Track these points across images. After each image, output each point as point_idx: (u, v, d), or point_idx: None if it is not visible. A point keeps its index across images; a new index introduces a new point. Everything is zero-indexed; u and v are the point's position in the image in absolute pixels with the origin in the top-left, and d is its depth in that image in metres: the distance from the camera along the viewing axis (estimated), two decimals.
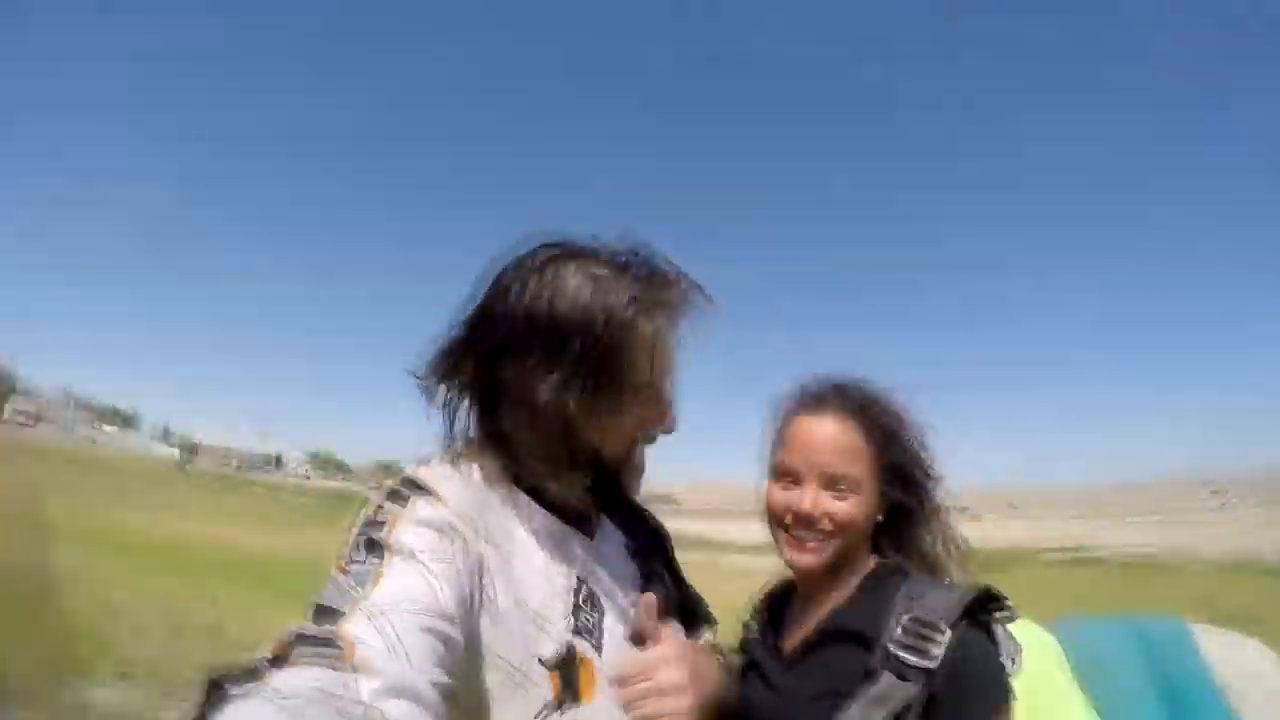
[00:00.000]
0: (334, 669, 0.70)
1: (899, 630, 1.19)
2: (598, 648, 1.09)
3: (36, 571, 8.45)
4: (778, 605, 1.50)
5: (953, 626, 1.17)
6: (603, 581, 1.19)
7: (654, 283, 1.14)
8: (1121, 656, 2.61)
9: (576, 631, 1.07)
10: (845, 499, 1.32)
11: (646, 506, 1.45)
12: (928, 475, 1.40)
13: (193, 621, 7.49)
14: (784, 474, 1.37)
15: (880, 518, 1.38)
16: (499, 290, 1.12)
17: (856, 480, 1.32)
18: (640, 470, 1.25)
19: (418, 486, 1.01)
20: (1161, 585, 14.77)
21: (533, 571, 1.07)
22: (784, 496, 1.35)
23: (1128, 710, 2.50)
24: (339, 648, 0.73)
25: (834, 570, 1.36)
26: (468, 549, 0.97)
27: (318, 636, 0.74)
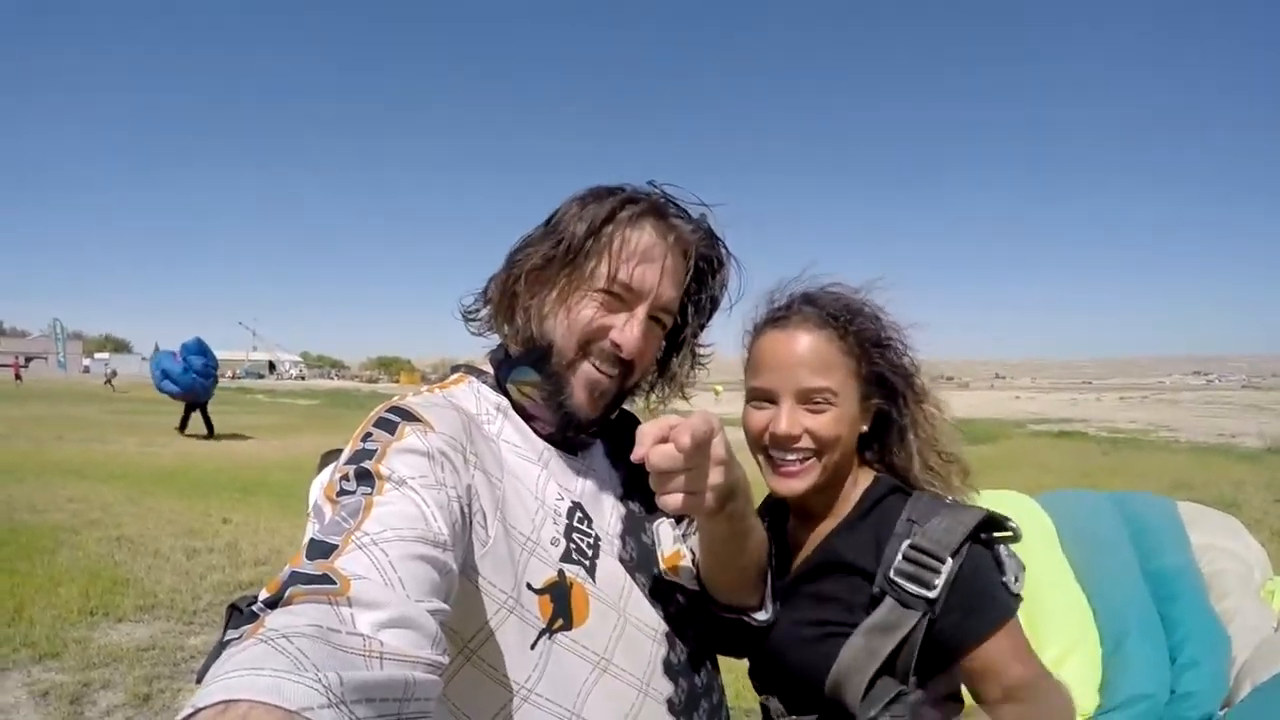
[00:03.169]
0: (330, 604, 0.70)
1: (900, 558, 1.21)
2: (590, 570, 1.11)
3: (45, 517, 8.54)
4: (776, 520, 1.47)
5: (954, 555, 1.19)
6: (592, 497, 1.22)
7: (663, 210, 1.21)
8: (1110, 533, 2.70)
9: (567, 556, 1.09)
10: (824, 412, 1.29)
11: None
12: (908, 378, 1.37)
13: (206, 544, 7.61)
14: (759, 396, 1.34)
15: (865, 427, 1.37)
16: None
17: (833, 391, 1.29)
18: (589, 390, 1.18)
19: (408, 415, 1.02)
20: (1143, 462, 14.86)
21: (523, 497, 1.10)
22: (761, 418, 1.33)
23: (1112, 584, 2.59)
24: (334, 583, 0.72)
25: (826, 487, 1.34)
26: (459, 476, 0.98)
27: (312, 574, 0.73)
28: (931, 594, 1.18)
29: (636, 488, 1.29)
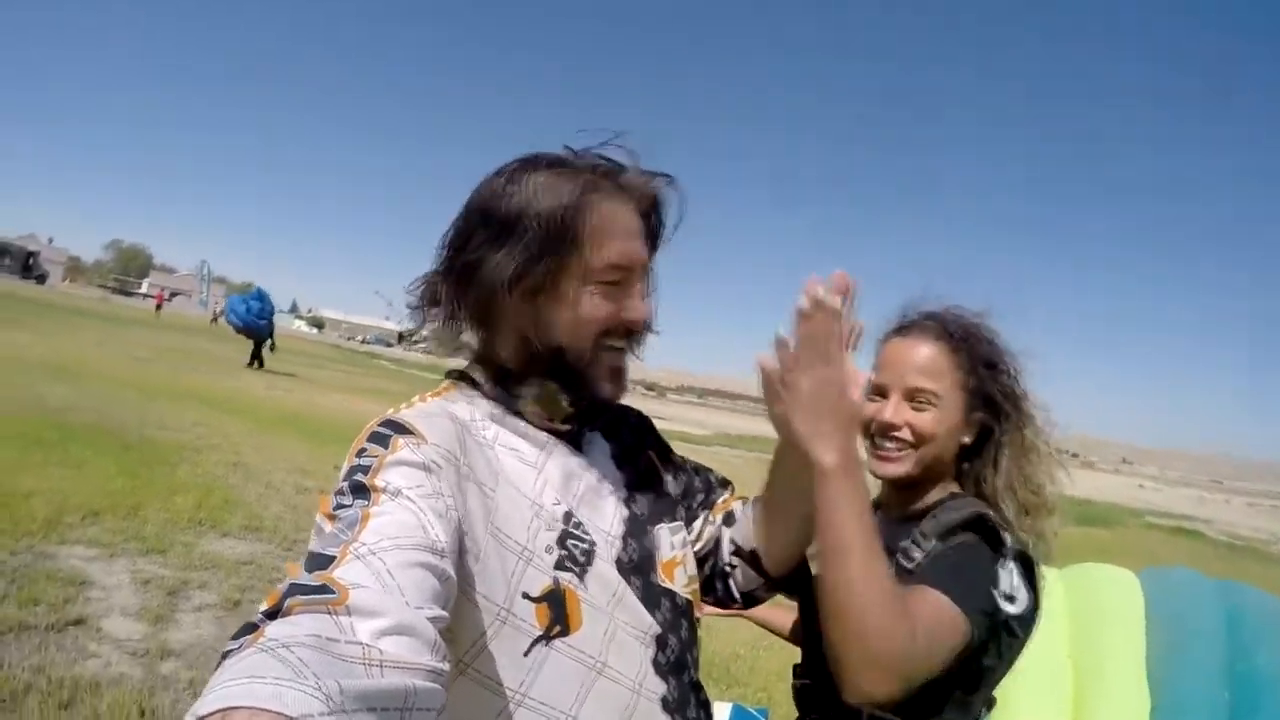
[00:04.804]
0: (329, 614, 0.70)
1: (908, 541, 1.37)
2: (581, 576, 1.11)
3: (171, 435, 9.07)
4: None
5: (941, 538, 1.33)
6: (592, 497, 1.21)
7: (614, 173, 1.17)
8: (1206, 622, 2.55)
9: (560, 564, 1.09)
10: (925, 411, 1.44)
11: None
12: (1014, 401, 1.48)
13: (317, 484, 8.00)
14: (874, 391, 1.50)
15: (967, 440, 1.49)
16: (470, 199, 1.17)
17: (936, 394, 1.44)
18: (613, 374, 1.19)
19: (400, 427, 1.02)
20: (1258, 574, 13.99)
21: (519, 505, 1.09)
22: (872, 408, 1.48)
23: (1189, 678, 2.45)
24: (333, 593, 0.72)
25: (916, 489, 1.51)
26: (454, 488, 0.99)
27: (310, 584, 0.74)
28: (909, 565, 1.33)
29: (639, 490, 1.30)
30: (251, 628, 0.68)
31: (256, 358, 22.25)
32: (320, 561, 0.79)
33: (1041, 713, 3.26)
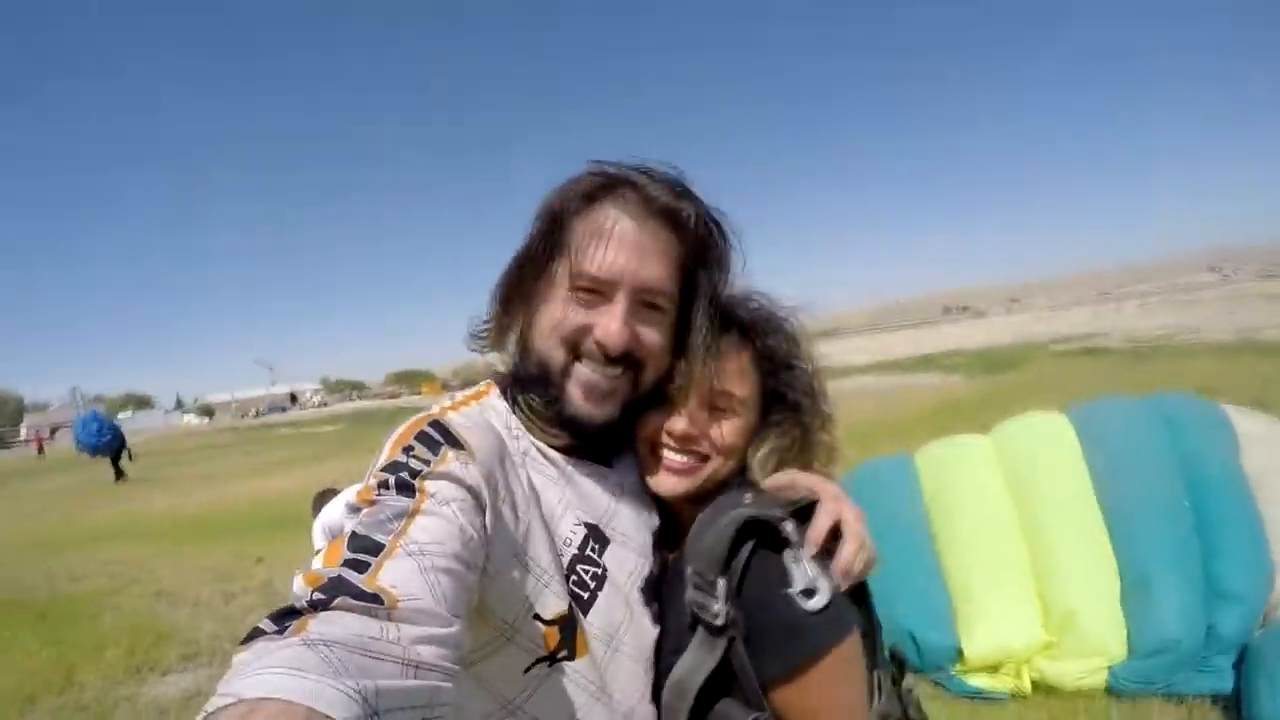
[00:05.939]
0: (375, 619, 0.73)
1: (690, 586, 1.11)
2: (590, 604, 1.11)
3: (85, 584, 8.72)
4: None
5: (723, 571, 1.09)
6: (615, 516, 1.20)
7: (634, 181, 1.09)
8: (1149, 442, 2.60)
9: (573, 591, 1.10)
10: (728, 419, 1.23)
11: None
12: (811, 398, 1.27)
13: (242, 585, 7.78)
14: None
15: (750, 447, 1.27)
16: None
17: (742, 401, 1.23)
18: (587, 392, 1.11)
19: (451, 437, 1.01)
20: (1169, 370, 14.43)
21: (546, 528, 1.10)
22: (659, 416, 1.23)
23: (1145, 501, 2.49)
24: (382, 603, 0.75)
25: (699, 496, 1.24)
26: (490, 511, 0.99)
27: (362, 590, 0.76)
28: (719, 621, 1.07)
29: (663, 505, 1.29)
30: (294, 613, 0.72)
31: (118, 472, 23.34)
32: (368, 545, 0.83)
33: (1001, 585, 3.30)
